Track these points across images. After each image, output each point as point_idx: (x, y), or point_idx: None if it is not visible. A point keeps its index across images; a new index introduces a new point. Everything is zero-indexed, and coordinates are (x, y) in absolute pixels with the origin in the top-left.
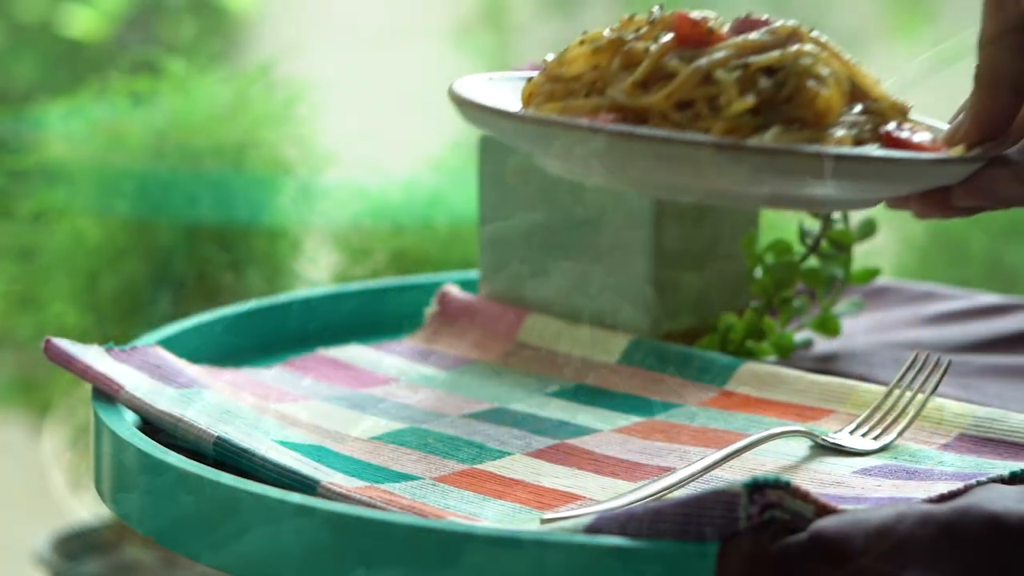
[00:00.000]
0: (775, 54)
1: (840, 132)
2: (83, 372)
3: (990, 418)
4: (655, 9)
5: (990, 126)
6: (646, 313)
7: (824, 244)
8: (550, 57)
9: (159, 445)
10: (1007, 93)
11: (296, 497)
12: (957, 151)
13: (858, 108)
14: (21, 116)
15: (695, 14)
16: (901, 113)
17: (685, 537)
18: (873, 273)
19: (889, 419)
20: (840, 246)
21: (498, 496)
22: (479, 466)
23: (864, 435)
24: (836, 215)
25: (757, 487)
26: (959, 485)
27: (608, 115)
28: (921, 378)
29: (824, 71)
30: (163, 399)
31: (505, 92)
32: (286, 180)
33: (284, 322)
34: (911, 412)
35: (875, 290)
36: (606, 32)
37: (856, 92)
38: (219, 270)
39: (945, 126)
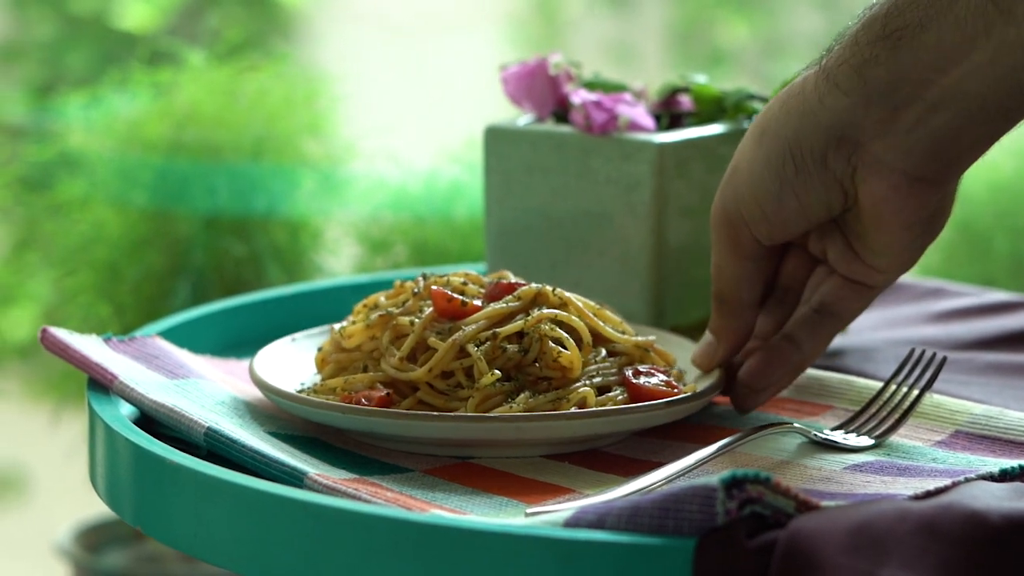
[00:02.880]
0: (519, 322)
1: (583, 387)
2: (78, 362)
3: (986, 415)
4: (420, 279)
5: (739, 343)
6: (650, 307)
7: None
8: (337, 327)
9: (148, 436)
10: (749, 313)
11: (278, 488)
12: (690, 388)
13: (603, 353)
14: (46, 106)
15: (449, 292)
16: (643, 350)
17: (663, 532)
18: None
19: (883, 414)
20: None
21: (487, 489)
22: (472, 459)
23: (859, 431)
24: None
25: (735, 482)
26: (947, 482)
27: (381, 388)
28: (916, 374)
29: (563, 332)
30: (156, 389)
31: (301, 356)
32: (307, 172)
33: (293, 313)
34: (905, 408)
35: None
36: (381, 299)
37: (599, 339)
38: (239, 262)
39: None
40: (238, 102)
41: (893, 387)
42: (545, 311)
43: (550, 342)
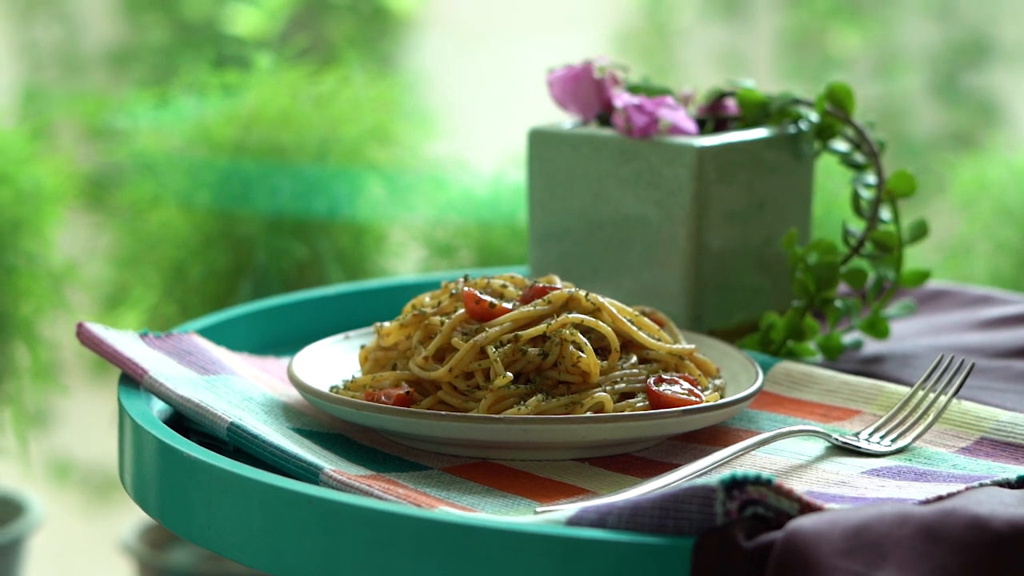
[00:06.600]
0: (541, 326)
1: (601, 392)
2: (111, 356)
3: (1012, 422)
4: (460, 280)
5: None
6: (688, 310)
7: (869, 246)
8: (381, 325)
9: (170, 430)
10: None
11: (288, 483)
12: (713, 396)
13: (633, 359)
14: (117, 108)
15: (479, 293)
16: (679, 358)
17: (663, 531)
18: (923, 275)
19: (911, 421)
20: (885, 247)
21: (503, 489)
22: (492, 459)
23: (883, 436)
24: (885, 215)
25: (735, 484)
26: (961, 487)
27: (405, 386)
28: (945, 380)
29: (583, 338)
30: (185, 385)
31: (351, 354)
32: (372, 175)
33: (340, 312)
34: (932, 414)
35: (932, 293)
36: (426, 299)
37: (632, 345)
38: (302, 264)
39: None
40: (303, 105)
41: (921, 393)
42: (570, 316)
43: (571, 346)
